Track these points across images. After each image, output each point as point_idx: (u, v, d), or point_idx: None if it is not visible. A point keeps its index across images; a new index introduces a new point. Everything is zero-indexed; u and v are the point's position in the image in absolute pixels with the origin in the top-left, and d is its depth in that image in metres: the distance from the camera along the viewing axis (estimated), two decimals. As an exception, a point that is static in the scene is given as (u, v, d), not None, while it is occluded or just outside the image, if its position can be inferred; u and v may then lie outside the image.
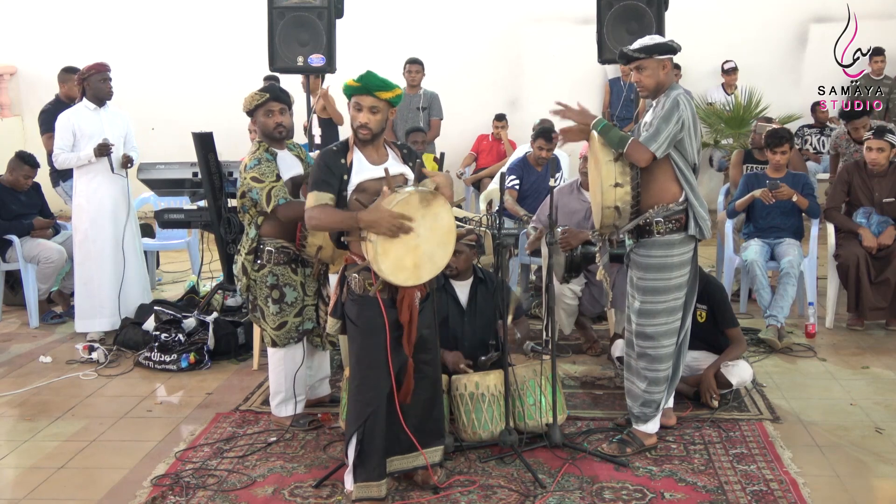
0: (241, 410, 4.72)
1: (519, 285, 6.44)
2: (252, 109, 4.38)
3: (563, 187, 5.59)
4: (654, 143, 3.79)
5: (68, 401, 4.95)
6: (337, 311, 3.62)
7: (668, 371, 4.05)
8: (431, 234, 3.44)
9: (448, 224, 3.50)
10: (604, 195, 3.87)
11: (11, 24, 10.57)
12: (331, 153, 3.56)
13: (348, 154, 3.55)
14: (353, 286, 3.49)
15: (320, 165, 3.53)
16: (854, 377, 5.09)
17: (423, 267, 3.44)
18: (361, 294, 3.47)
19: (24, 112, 10.56)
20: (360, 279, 3.47)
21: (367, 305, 3.47)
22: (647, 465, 3.95)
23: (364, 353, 3.51)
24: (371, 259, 3.36)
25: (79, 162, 5.90)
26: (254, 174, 4.24)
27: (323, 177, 3.49)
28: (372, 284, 3.43)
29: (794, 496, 3.63)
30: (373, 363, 3.47)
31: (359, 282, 3.47)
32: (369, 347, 3.48)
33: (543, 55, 10.11)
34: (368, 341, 3.48)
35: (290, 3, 5.90)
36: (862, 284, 5.79)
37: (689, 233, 3.92)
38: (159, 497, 3.75)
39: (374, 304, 3.45)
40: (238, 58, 9.13)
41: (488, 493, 3.71)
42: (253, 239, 4.33)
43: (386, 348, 3.43)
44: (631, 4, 5.57)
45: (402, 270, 3.39)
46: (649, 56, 3.92)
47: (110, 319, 5.98)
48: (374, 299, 3.44)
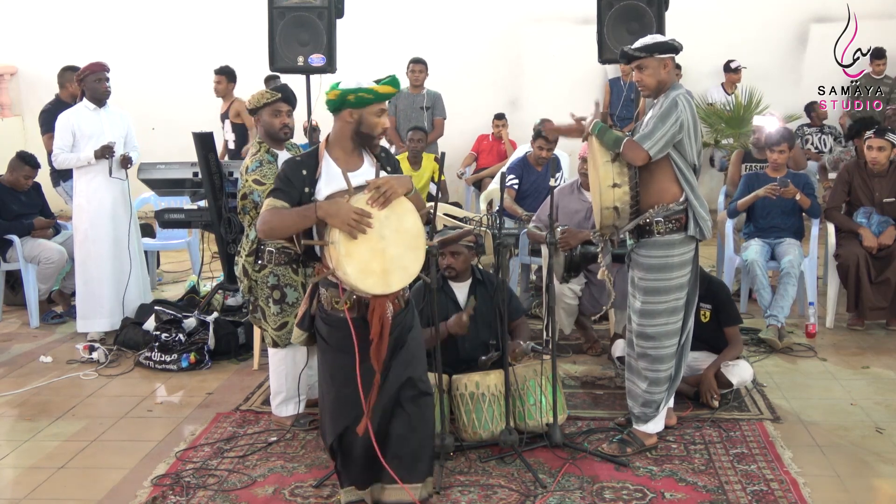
0: (241, 410, 4.73)
1: (519, 285, 6.44)
2: (259, 107, 4.35)
3: (564, 187, 5.59)
4: (649, 141, 3.79)
5: (69, 401, 4.95)
6: (304, 323, 3.43)
7: (670, 372, 4.05)
8: (398, 236, 3.23)
9: (415, 227, 3.29)
10: (602, 196, 3.88)
11: (12, 25, 10.57)
12: (293, 164, 3.34)
13: (318, 164, 3.33)
14: (324, 302, 3.34)
15: (280, 177, 3.32)
16: (854, 377, 5.09)
17: (392, 273, 3.22)
18: (329, 312, 3.31)
19: (25, 112, 10.57)
20: (327, 295, 3.30)
21: (335, 325, 3.30)
22: (647, 464, 3.95)
23: (336, 371, 3.35)
24: (336, 264, 3.14)
25: (78, 163, 5.90)
26: (255, 176, 4.24)
27: (281, 185, 3.28)
28: (339, 301, 3.26)
29: (795, 496, 3.63)
30: (347, 382, 3.29)
31: (326, 298, 3.31)
32: (342, 367, 3.30)
33: (543, 55, 10.12)
34: (341, 361, 3.31)
35: (290, 2, 5.90)
36: (862, 284, 5.79)
37: (689, 233, 3.92)
38: (160, 497, 3.75)
39: (342, 324, 3.25)
40: (238, 58, 9.10)
41: (488, 492, 3.71)
42: (253, 241, 4.33)
43: (356, 373, 3.23)
44: (631, 4, 5.57)
45: (369, 275, 3.17)
46: (650, 55, 3.92)
47: (111, 319, 5.98)
48: (342, 318, 3.25)
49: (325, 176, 3.31)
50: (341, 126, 3.34)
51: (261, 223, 3.26)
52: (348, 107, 3.28)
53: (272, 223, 3.23)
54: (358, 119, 3.30)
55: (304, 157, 3.37)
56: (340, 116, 3.32)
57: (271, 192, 3.30)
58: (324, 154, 3.35)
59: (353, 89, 3.27)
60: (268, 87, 4.88)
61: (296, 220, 3.22)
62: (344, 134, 3.34)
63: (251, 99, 4.39)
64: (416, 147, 7.48)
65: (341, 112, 3.31)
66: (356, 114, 3.30)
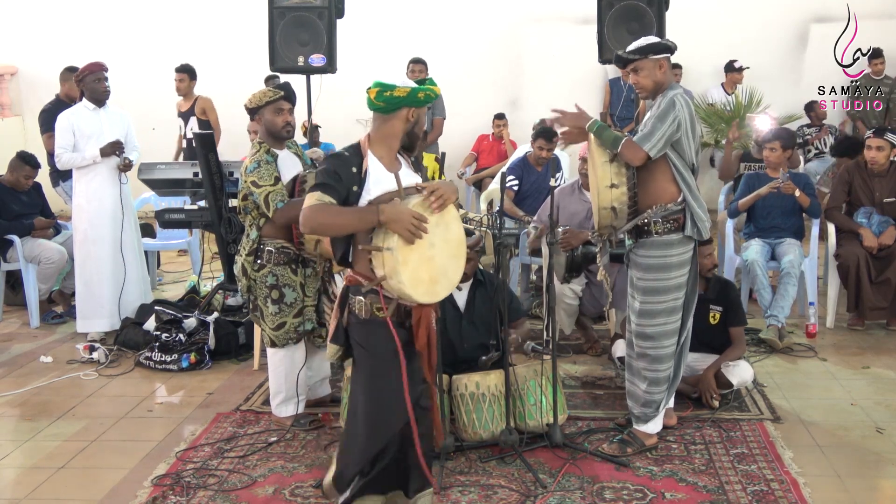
0: (241, 410, 4.73)
1: (520, 286, 6.44)
2: (261, 105, 4.32)
3: (564, 188, 5.59)
4: (648, 142, 3.79)
5: (69, 401, 4.95)
6: (339, 338, 3.24)
7: (669, 371, 4.05)
8: (445, 245, 3.18)
9: (459, 236, 3.26)
10: (600, 196, 3.88)
11: (12, 25, 10.58)
12: (342, 159, 3.16)
13: (363, 161, 3.17)
14: (358, 310, 3.15)
15: (329, 171, 3.12)
16: (855, 377, 5.09)
17: (439, 282, 3.16)
18: (368, 318, 3.13)
19: (25, 112, 10.57)
20: (366, 303, 3.13)
21: (375, 329, 3.13)
22: (647, 465, 3.94)
23: (375, 380, 3.15)
24: (389, 272, 3.02)
25: (83, 162, 5.89)
26: (253, 178, 4.23)
27: (330, 181, 3.10)
28: (381, 309, 3.10)
29: (795, 496, 3.63)
30: (385, 393, 3.13)
31: (365, 306, 3.13)
32: (382, 375, 3.13)
33: (544, 55, 10.12)
34: (381, 367, 3.14)
35: (290, 2, 5.91)
36: (862, 284, 5.79)
37: (687, 233, 3.92)
38: (160, 497, 3.75)
39: (383, 327, 3.11)
40: (239, 58, 9.12)
41: (489, 493, 3.71)
42: (254, 240, 4.33)
43: (402, 377, 3.09)
44: (631, 4, 5.57)
45: (420, 283, 3.08)
46: (644, 57, 3.92)
47: (111, 319, 5.98)
48: (382, 323, 3.11)
49: (373, 175, 3.16)
50: (395, 125, 3.19)
51: (307, 219, 3.06)
52: (413, 105, 3.17)
53: (321, 220, 3.07)
54: (416, 119, 3.21)
55: (351, 153, 3.19)
56: (397, 115, 3.18)
57: (319, 187, 3.09)
58: (367, 152, 3.19)
59: (423, 87, 3.16)
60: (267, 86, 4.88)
61: (352, 222, 3.08)
62: (395, 133, 3.21)
63: (252, 98, 4.35)
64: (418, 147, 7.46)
65: (399, 111, 3.17)
66: (415, 113, 3.20)
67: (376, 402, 3.17)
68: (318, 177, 3.17)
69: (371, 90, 3.14)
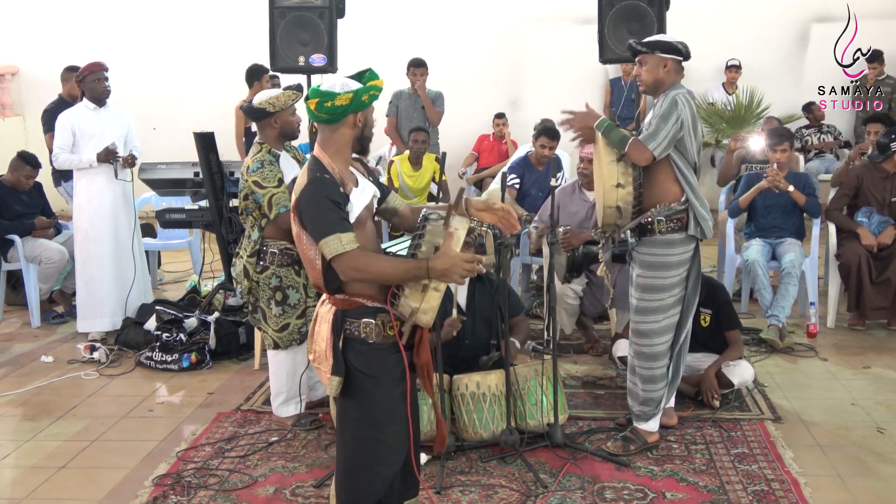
0: (242, 410, 4.73)
1: (520, 285, 6.43)
2: (285, 108, 4.30)
3: (565, 187, 5.59)
4: (653, 142, 3.80)
5: (70, 400, 4.96)
6: (341, 369, 2.85)
7: (664, 369, 4.05)
8: None
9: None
10: (605, 195, 3.89)
11: (13, 25, 10.57)
12: (326, 184, 2.78)
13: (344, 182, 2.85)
14: (366, 334, 2.83)
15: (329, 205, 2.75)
16: (855, 377, 5.09)
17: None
18: (379, 341, 2.84)
19: (26, 112, 10.56)
20: (376, 323, 2.83)
21: (381, 353, 2.85)
22: (648, 464, 3.95)
23: (384, 408, 2.87)
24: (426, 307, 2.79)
25: (80, 165, 5.90)
26: (255, 178, 4.23)
27: (342, 216, 2.77)
28: (392, 327, 2.83)
29: (796, 496, 3.63)
30: (395, 418, 2.88)
31: (376, 328, 2.83)
32: (392, 400, 2.87)
33: (544, 55, 10.12)
34: (390, 393, 2.87)
35: (291, 2, 5.89)
36: (863, 284, 5.79)
37: (690, 232, 3.93)
38: (161, 497, 3.75)
39: (392, 350, 2.85)
40: (239, 57, 9.09)
41: (489, 492, 3.71)
42: (256, 241, 4.32)
43: (406, 407, 2.87)
44: (632, 4, 5.55)
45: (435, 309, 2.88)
46: (651, 51, 3.96)
47: (111, 319, 5.98)
48: (392, 344, 2.84)
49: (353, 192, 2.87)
50: (344, 133, 2.88)
51: (352, 269, 2.75)
52: (360, 109, 2.87)
53: (367, 272, 2.77)
54: (364, 121, 2.92)
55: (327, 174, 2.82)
56: (345, 122, 2.86)
57: (342, 228, 2.75)
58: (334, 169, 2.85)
59: (365, 88, 2.86)
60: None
61: (401, 278, 2.78)
62: (346, 142, 2.91)
63: (274, 101, 4.25)
64: (420, 148, 7.45)
65: (346, 118, 2.85)
66: (363, 116, 2.90)
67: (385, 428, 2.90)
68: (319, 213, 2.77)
69: (311, 101, 2.83)
